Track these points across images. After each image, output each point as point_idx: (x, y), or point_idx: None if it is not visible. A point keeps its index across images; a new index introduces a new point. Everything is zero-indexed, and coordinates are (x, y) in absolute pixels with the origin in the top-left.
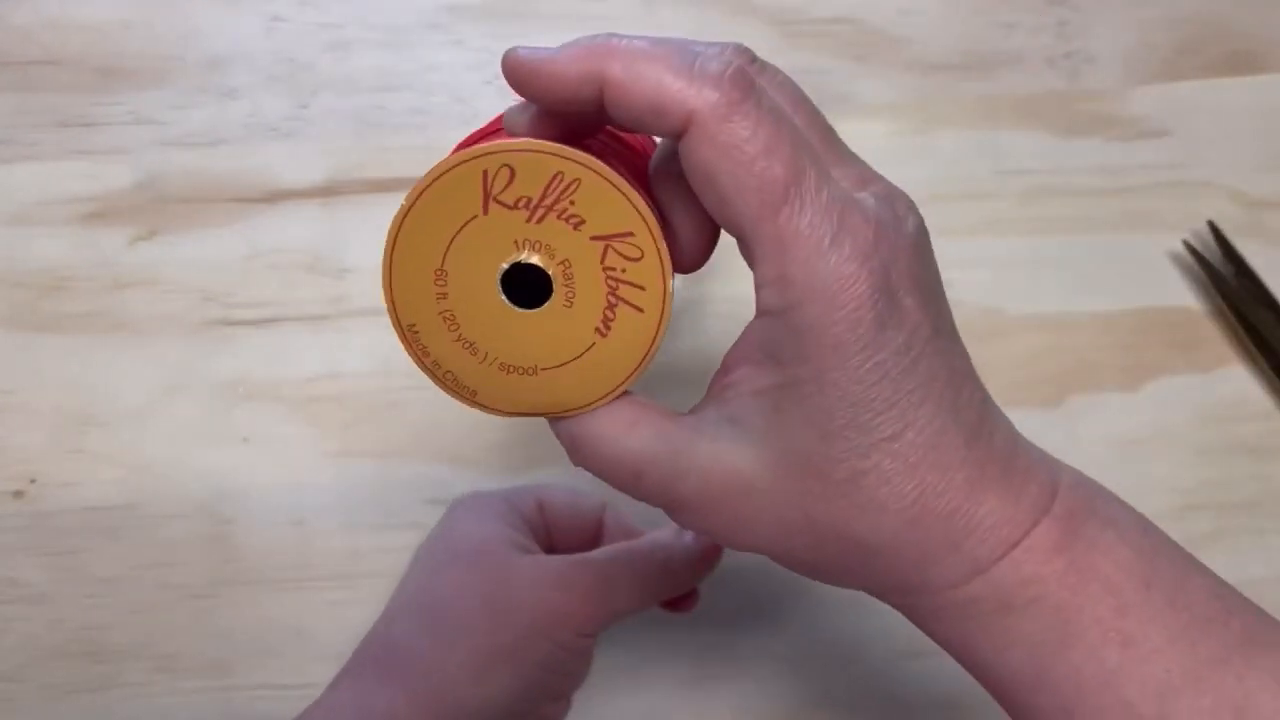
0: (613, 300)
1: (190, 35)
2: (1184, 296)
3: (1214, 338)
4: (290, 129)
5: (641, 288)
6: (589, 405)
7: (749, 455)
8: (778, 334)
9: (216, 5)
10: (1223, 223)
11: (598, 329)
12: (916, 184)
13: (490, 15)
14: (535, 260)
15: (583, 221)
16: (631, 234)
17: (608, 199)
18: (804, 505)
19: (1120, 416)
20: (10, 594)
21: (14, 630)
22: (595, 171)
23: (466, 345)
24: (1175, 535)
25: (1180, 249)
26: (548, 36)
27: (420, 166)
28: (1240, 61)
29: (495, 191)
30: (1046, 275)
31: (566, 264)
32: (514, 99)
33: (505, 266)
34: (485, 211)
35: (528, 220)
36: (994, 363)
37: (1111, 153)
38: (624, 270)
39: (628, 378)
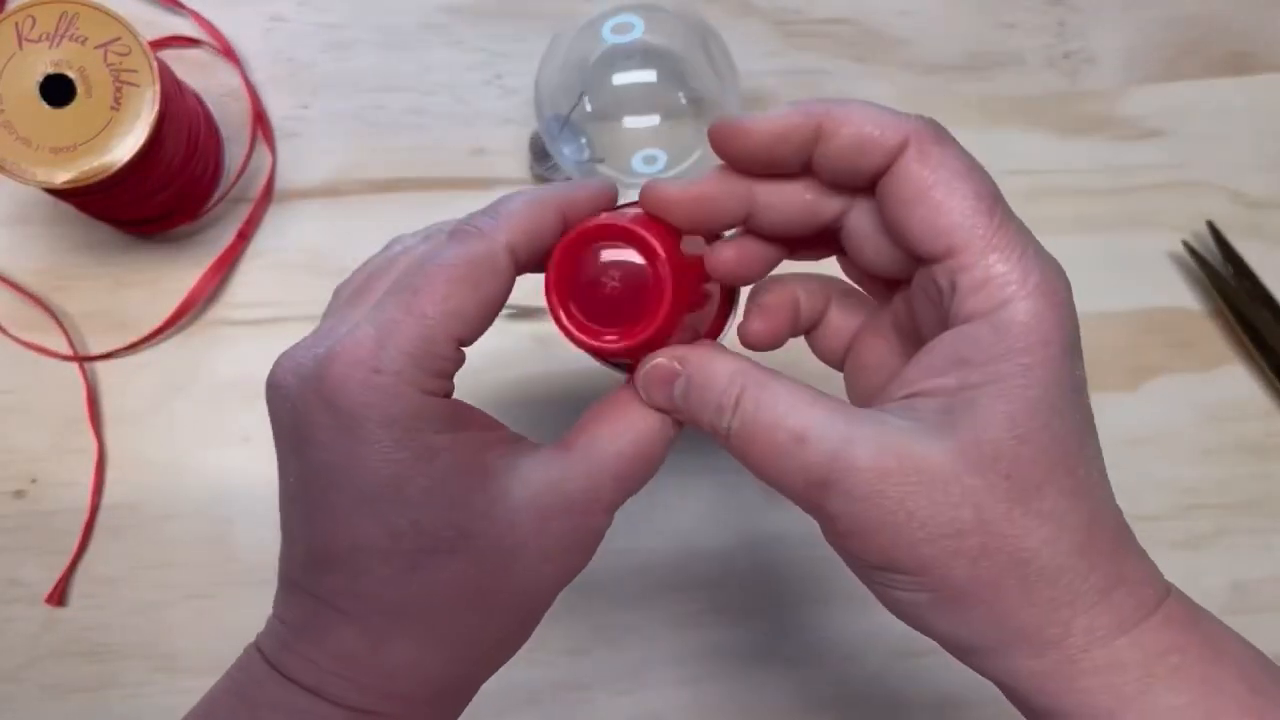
0: (117, 84)
1: None
2: (1183, 297)
3: (1213, 337)
4: (291, 129)
5: (135, 70)
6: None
7: (933, 441)
8: (979, 336)
9: (217, 5)
10: (1222, 223)
11: (111, 106)
12: None
13: (489, 16)
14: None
15: (86, 38)
16: (119, 38)
17: (100, 20)
18: (981, 504)
19: (1120, 416)
20: (11, 594)
21: (14, 630)
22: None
23: (22, 141)
24: (1175, 535)
25: (1179, 249)
26: (547, 37)
27: (421, 167)
28: (1239, 62)
29: (25, 33)
30: None
31: (82, 69)
32: (506, 102)
33: (40, 79)
34: (20, 48)
35: (49, 47)
36: None
37: (1111, 153)
38: (120, 63)
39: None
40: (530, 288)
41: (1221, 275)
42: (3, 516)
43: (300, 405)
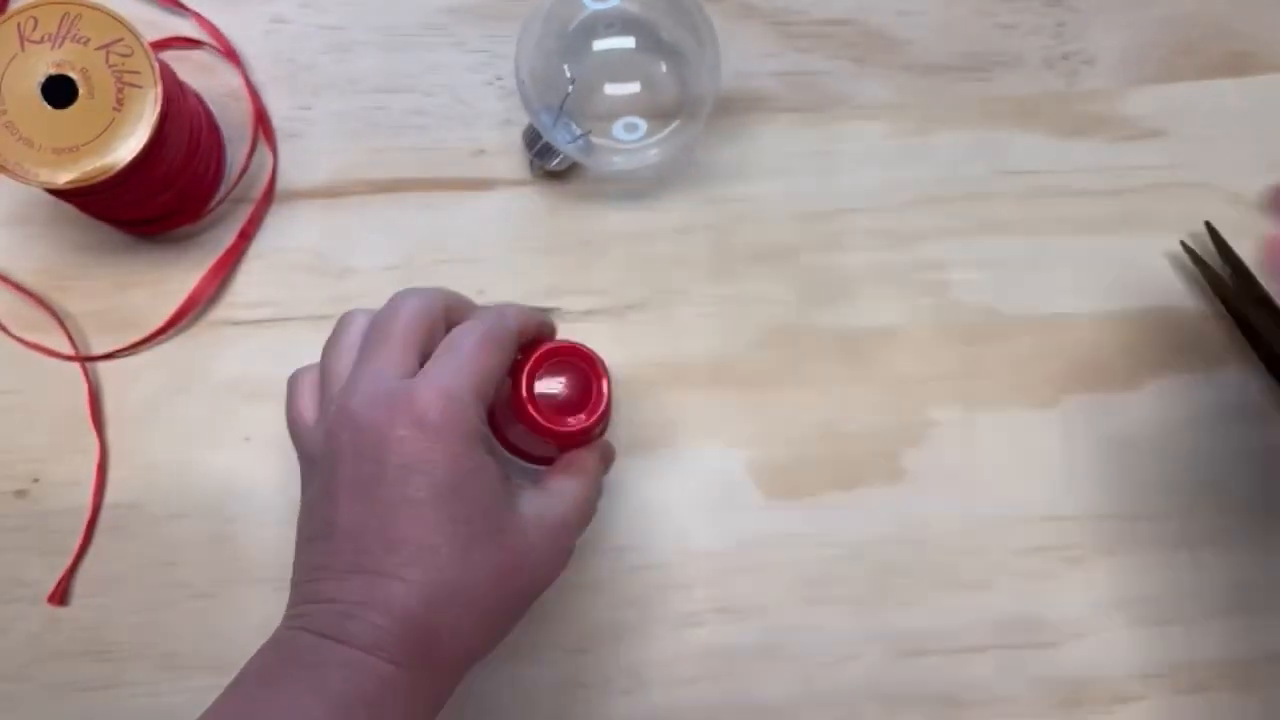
0: (119, 85)
1: None
2: (1182, 297)
3: (1211, 338)
4: (292, 129)
5: (137, 71)
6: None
7: None
8: None
9: (219, 7)
10: (1220, 224)
11: (113, 107)
12: (915, 185)
13: (491, 16)
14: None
15: (88, 39)
16: (121, 39)
17: (102, 22)
18: None
19: (1118, 417)
20: (13, 593)
21: (17, 629)
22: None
23: (24, 141)
24: (1172, 536)
25: (1178, 250)
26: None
27: (422, 167)
28: (1238, 62)
29: (27, 34)
30: (1044, 276)
31: (84, 70)
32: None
33: (42, 80)
34: (22, 49)
35: (51, 48)
36: (992, 363)
37: (1109, 154)
38: (122, 64)
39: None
40: (532, 289)
41: (1220, 276)
42: (5, 516)
43: (384, 423)
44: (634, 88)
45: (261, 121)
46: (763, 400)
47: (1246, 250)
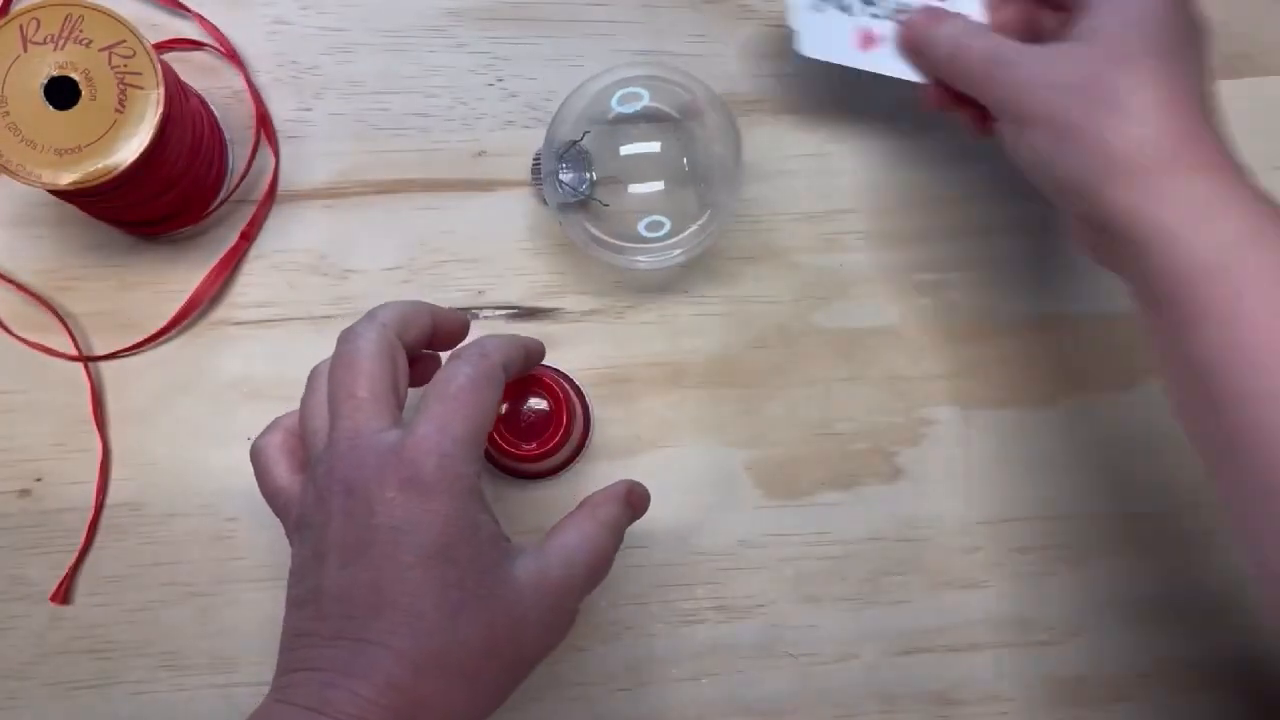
0: (121, 87)
1: None
2: None
3: None
4: (294, 131)
5: (139, 73)
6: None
7: (1065, 36)
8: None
9: (221, 8)
10: None
11: (115, 108)
12: (915, 185)
13: (492, 18)
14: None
15: (90, 40)
16: (124, 41)
17: (105, 23)
18: (1094, 68)
19: (1114, 416)
20: (16, 591)
21: (20, 627)
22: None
23: (27, 143)
24: (1172, 534)
25: None
26: (549, 39)
27: (423, 168)
28: (1237, 64)
29: (29, 35)
30: (1043, 276)
31: (86, 72)
32: (508, 105)
33: (44, 81)
34: (25, 51)
35: (54, 49)
36: (989, 363)
37: None
38: (124, 65)
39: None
40: (532, 289)
41: None
42: (8, 515)
43: (373, 484)
44: (658, 186)
45: (263, 123)
46: (761, 400)
47: None
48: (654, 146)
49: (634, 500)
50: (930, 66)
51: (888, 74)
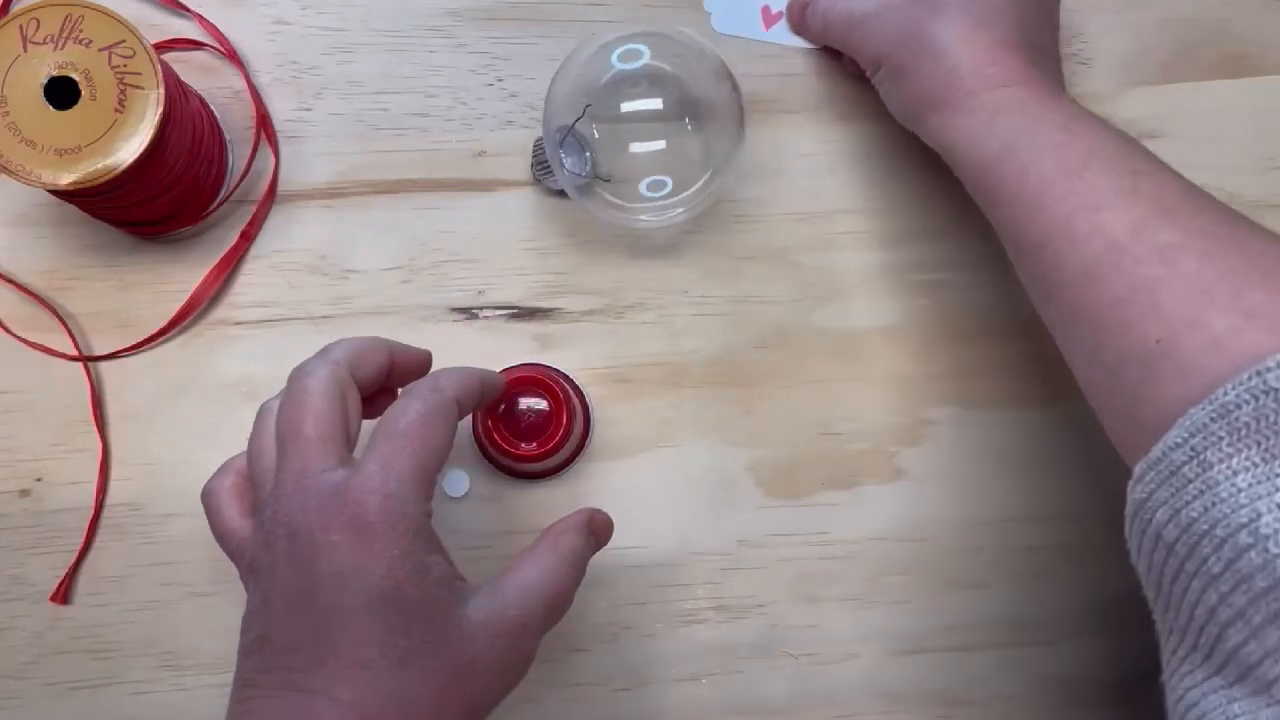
0: (121, 87)
1: None
2: None
3: None
4: (293, 131)
5: (139, 73)
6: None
7: None
8: None
9: (221, 8)
10: None
11: (115, 108)
12: (914, 185)
13: (491, 18)
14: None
15: (90, 40)
16: (124, 41)
17: (105, 23)
18: (914, 17)
19: None
20: (15, 591)
21: (19, 628)
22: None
23: (27, 143)
24: None
25: None
26: (550, 39)
27: (423, 169)
28: (1235, 64)
29: (29, 35)
30: None
31: (86, 72)
32: (508, 105)
33: (44, 81)
34: (25, 50)
35: (54, 49)
36: (990, 362)
37: None
38: (124, 65)
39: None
40: (532, 289)
41: None
42: (8, 515)
43: (316, 527)
44: (660, 145)
45: (263, 123)
46: (761, 400)
47: None
48: (656, 103)
49: (596, 528)
50: (813, 39)
51: (789, 44)
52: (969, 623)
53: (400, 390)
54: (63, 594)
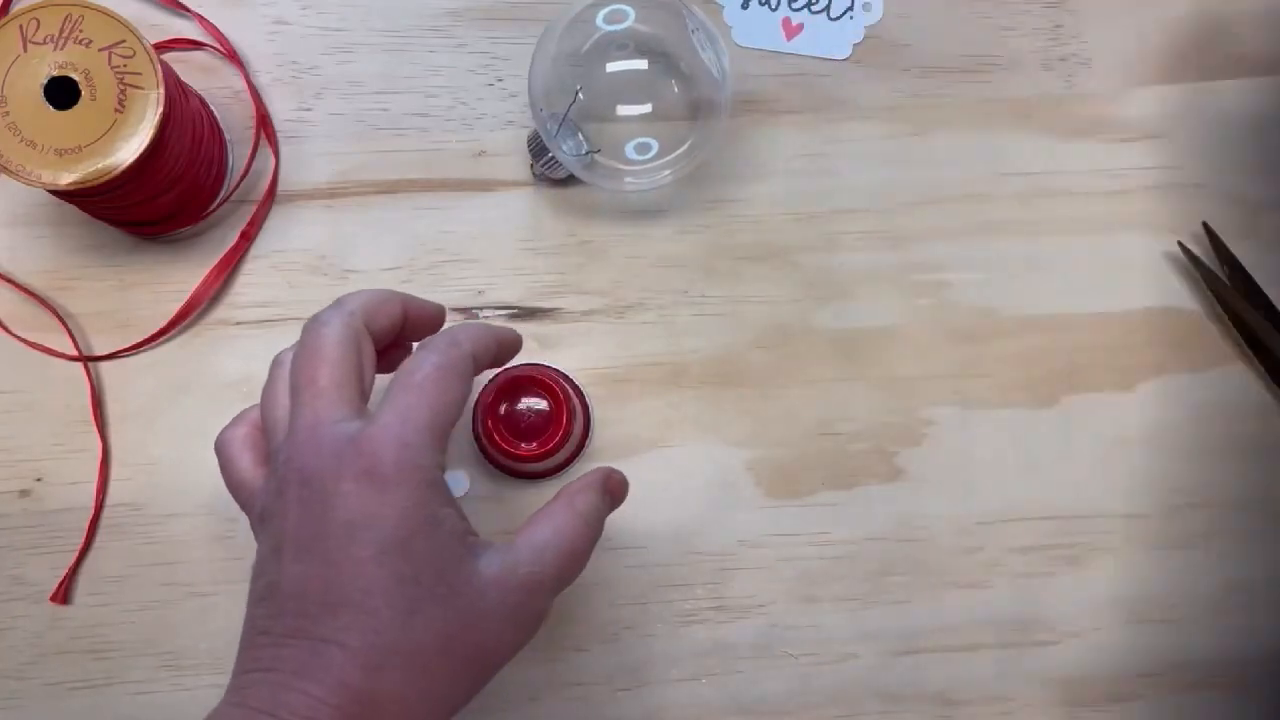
0: (121, 87)
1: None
2: (1179, 298)
3: (1209, 339)
4: (293, 131)
5: (139, 73)
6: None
7: None
8: None
9: (221, 8)
10: (1218, 225)
11: (115, 108)
12: (913, 186)
13: (492, 18)
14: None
15: (90, 40)
16: (124, 41)
17: (105, 23)
18: None
19: (1115, 416)
20: (15, 591)
21: (19, 628)
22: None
23: (27, 143)
24: (1169, 535)
25: (1176, 251)
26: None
27: (423, 169)
28: (1236, 64)
29: (29, 35)
30: (1043, 276)
31: (87, 72)
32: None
33: (44, 81)
34: (25, 51)
35: (54, 49)
36: (990, 363)
37: (1108, 155)
38: (124, 66)
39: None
40: (532, 289)
41: (1218, 277)
42: (8, 515)
43: (329, 475)
44: (646, 108)
45: (263, 123)
46: (762, 400)
47: (1244, 251)
48: (641, 64)
49: (612, 487)
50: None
51: (811, 55)
52: (969, 623)
53: (415, 345)
54: (63, 594)
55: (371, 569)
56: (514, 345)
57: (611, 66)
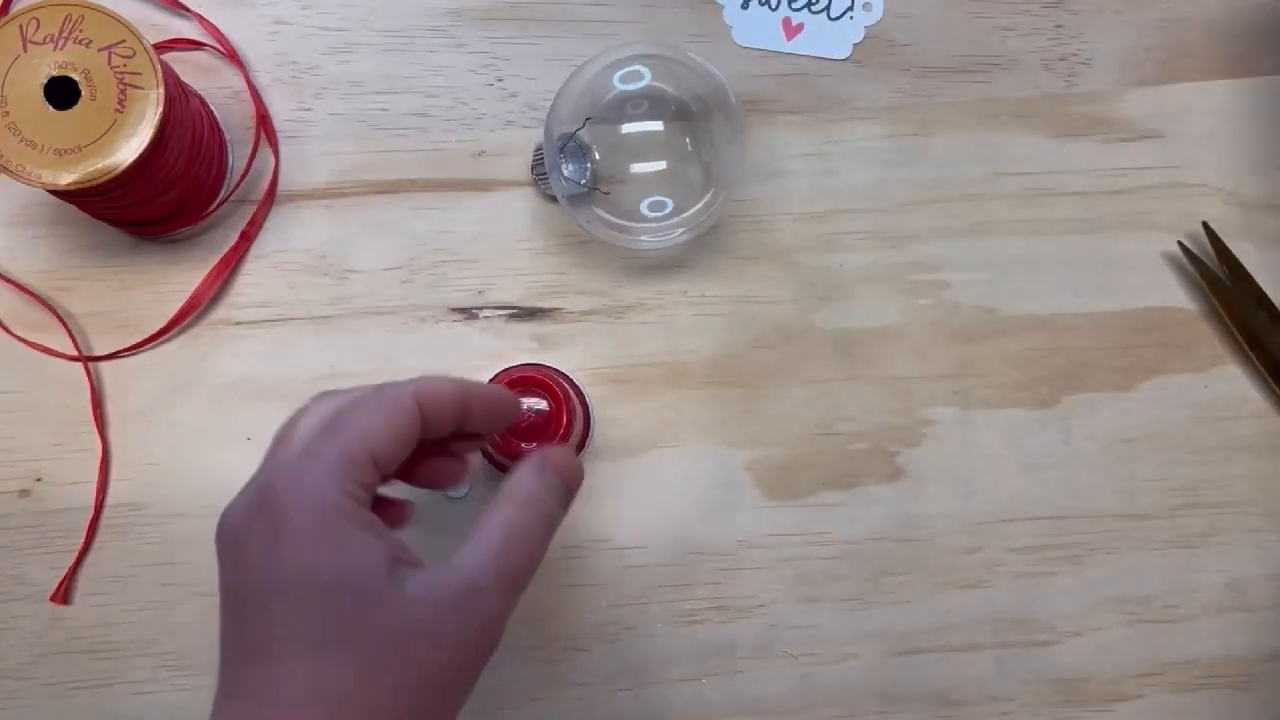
0: (121, 87)
1: None
2: (1178, 297)
3: (1208, 338)
4: (293, 131)
5: (139, 73)
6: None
7: None
8: None
9: (221, 9)
10: (1217, 224)
11: (115, 108)
12: (913, 186)
13: (492, 18)
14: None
15: (90, 40)
16: (124, 41)
17: (105, 23)
18: None
19: (1114, 416)
20: (16, 591)
21: (19, 628)
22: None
23: (27, 143)
24: (1168, 535)
25: (1175, 250)
26: (549, 40)
27: (422, 168)
28: (1234, 65)
29: (29, 35)
30: (1042, 276)
31: (87, 72)
32: (508, 105)
33: (44, 81)
34: (25, 50)
35: (54, 49)
36: (990, 363)
37: (1107, 155)
38: (124, 65)
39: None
40: (532, 289)
41: (1217, 276)
42: (8, 515)
43: (241, 525)
44: (660, 166)
45: (263, 123)
46: (761, 400)
47: (1244, 251)
48: (656, 125)
49: (554, 465)
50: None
51: (812, 55)
52: (968, 623)
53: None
54: (63, 594)
55: (276, 610)
56: (513, 408)
57: (626, 128)
